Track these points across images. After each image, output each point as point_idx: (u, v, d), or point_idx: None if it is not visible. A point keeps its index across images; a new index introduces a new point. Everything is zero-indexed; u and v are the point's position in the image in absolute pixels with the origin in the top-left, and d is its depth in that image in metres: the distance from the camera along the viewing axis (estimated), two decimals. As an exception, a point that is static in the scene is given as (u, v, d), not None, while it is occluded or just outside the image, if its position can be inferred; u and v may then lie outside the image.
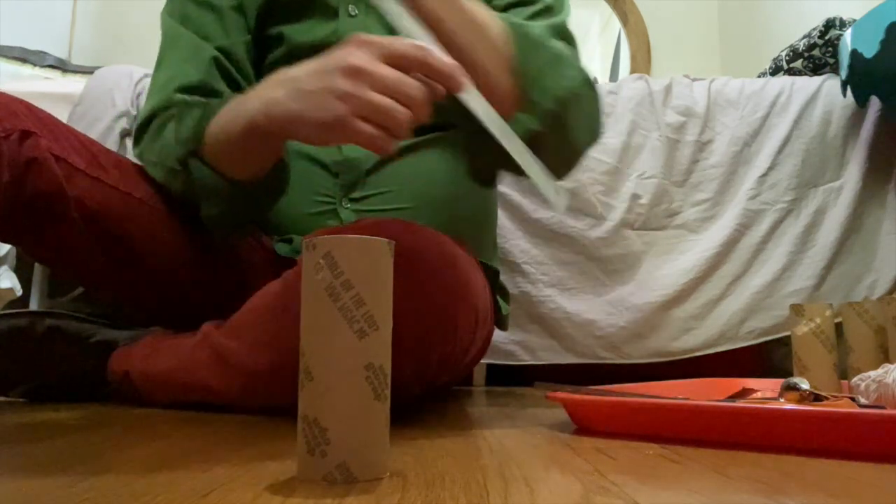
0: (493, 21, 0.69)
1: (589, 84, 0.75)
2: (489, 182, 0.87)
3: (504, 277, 1.09)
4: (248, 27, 0.85)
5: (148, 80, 1.11)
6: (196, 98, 0.76)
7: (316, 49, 0.84)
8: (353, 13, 0.85)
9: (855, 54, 1.23)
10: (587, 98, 0.74)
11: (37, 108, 0.70)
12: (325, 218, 0.83)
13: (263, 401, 0.64)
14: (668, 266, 1.32)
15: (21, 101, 0.68)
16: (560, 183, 0.75)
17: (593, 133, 0.78)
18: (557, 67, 0.71)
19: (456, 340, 0.60)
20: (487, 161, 0.79)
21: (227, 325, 0.68)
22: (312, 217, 0.83)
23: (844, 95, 1.34)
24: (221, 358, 0.66)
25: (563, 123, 0.71)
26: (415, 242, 0.55)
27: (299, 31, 0.84)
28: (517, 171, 0.71)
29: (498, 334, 1.13)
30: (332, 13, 0.84)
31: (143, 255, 0.75)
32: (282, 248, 0.85)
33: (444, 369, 0.62)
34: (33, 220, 0.68)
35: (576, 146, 0.77)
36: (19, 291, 1.35)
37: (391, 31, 0.85)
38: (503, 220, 1.27)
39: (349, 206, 0.83)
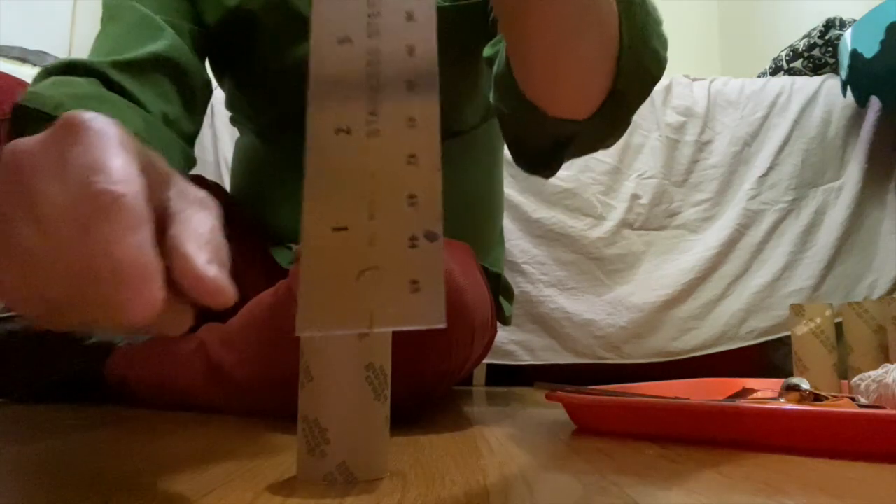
0: None
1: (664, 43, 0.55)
2: (541, 166, 0.64)
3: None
4: (195, 17, 0.78)
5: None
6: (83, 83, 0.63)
7: (301, 70, 0.79)
8: None
9: (855, 54, 1.23)
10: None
11: None
12: None
13: (259, 411, 0.64)
14: (668, 266, 1.32)
15: (22, 83, 0.66)
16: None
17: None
18: (653, 32, 0.53)
19: (451, 359, 0.59)
20: (532, 142, 0.61)
21: (222, 333, 0.68)
22: None
23: (844, 95, 1.34)
24: (216, 369, 0.66)
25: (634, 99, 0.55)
26: None
27: (275, 50, 0.78)
28: (578, 149, 0.58)
29: (498, 334, 1.14)
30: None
31: None
32: (283, 259, 0.84)
33: (439, 386, 0.61)
34: None
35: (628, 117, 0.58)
36: (19, 291, 1.35)
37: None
38: (504, 220, 1.28)
39: None
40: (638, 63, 0.51)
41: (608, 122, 0.55)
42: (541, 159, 0.62)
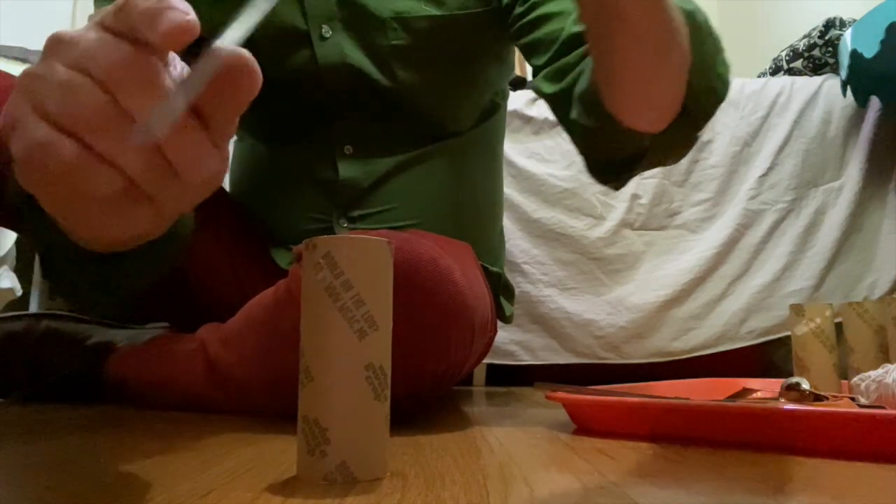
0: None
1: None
2: (613, 178, 0.68)
3: (504, 277, 1.09)
4: None
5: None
6: None
7: (296, 80, 0.77)
8: (326, 35, 0.77)
9: (855, 54, 1.23)
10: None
11: None
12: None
13: (258, 411, 0.64)
14: (668, 266, 1.32)
15: None
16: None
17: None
18: (717, 58, 0.58)
19: (449, 359, 0.59)
20: (603, 154, 0.66)
21: (221, 333, 0.68)
22: (306, 234, 0.82)
23: (844, 95, 1.34)
24: (215, 370, 0.66)
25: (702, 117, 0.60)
26: (406, 261, 0.54)
27: (269, 62, 0.79)
28: (651, 162, 0.62)
29: (498, 334, 1.14)
30: (302, 38, 0.77)
31: None
32: (283, 260, 0.84)
33: (437, 387, 0.61)
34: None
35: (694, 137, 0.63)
36: (19, 292, 1.35)
37: (368, 48, 0.77)
38: (504, 220, 1.28)
39: (347, 224, 0.80)
40: (706, 84, 0.57)
41: (678, 138, 0.60)
42: (613, 172, 0.67)
